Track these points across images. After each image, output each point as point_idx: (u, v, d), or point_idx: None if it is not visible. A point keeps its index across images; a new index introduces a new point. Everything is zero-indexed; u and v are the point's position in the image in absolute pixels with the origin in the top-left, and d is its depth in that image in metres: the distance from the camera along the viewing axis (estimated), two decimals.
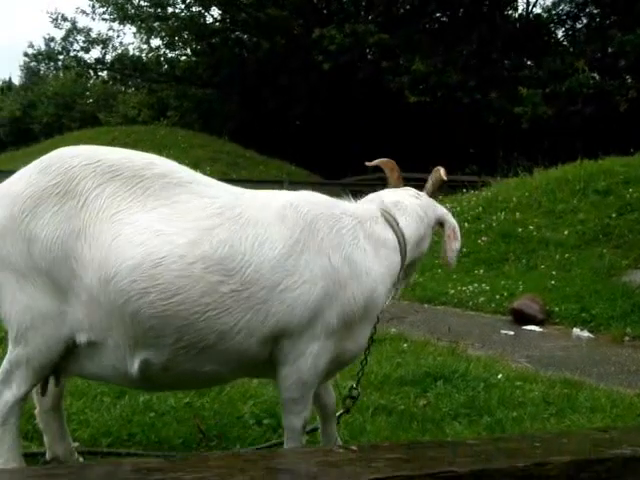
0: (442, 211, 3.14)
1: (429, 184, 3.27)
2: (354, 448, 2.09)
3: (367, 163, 3.64)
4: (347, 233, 2.72)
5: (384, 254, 2.83)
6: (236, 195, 2.64)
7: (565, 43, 27.87)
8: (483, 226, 11.03)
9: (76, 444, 2.91)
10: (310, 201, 2.75)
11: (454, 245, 3.05)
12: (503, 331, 7.10)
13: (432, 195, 3.22)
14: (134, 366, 2.45)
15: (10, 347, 2.48)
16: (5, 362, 2.50)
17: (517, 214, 11.06)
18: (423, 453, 2.10)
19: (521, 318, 7.43)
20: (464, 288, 8.67)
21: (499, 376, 4.81)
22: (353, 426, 3.58)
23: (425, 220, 3.06)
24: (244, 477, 1.69)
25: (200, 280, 2.38)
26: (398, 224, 2.93)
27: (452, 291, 8.57)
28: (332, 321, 2.61)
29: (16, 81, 56.74)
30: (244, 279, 2.44)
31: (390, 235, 2.89)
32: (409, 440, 3.37)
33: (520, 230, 10.50)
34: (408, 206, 3.04)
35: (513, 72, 24.33)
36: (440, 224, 3.13)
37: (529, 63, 25.70)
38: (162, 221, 2.41)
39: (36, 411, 2.78)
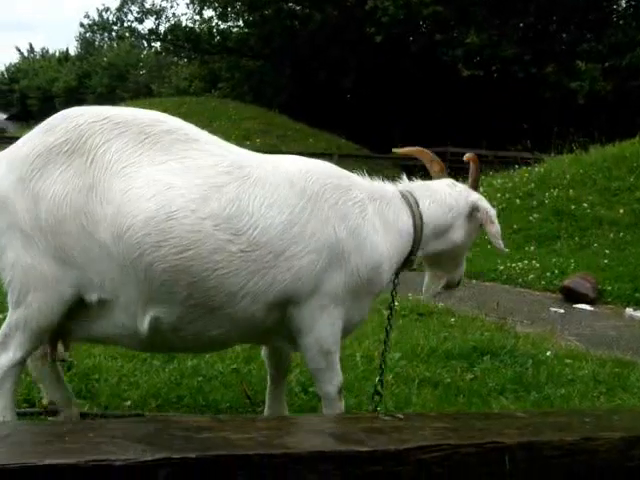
0: (475, 197, 3.03)
1: (471, 179, 3.17)
2: (400, 416, 2.09)
3: (395, 150, 3.44)
4: (354, 205, 2.68)
5: (394, 232, 2.80)
6: (245, 155, 2.64)
7: (628, 15, 26.93)
8: (535, 203, 10.84)
9: (128, 403, 2.98)
10: (321, 170, 2.72)
11: (492, 230, 2.97)
12: (553, 309, 6.99)
13: (474, 187, 3.13)
14: (144, 324, 2.43)
15: (10, 310, 2.46)
16: (4, 326, 2.47)
17: (570, 191, 10.83)
18: (470, 424, 2.09)
19: (572, 296, 7.30)
20: (514, 265, 8.56)
21: (548, 353, 4.74)
22: (399, 397, 3.58)
23: (455, 209, 2.97)
24: (291, 439, 1.71)
25: (211, 237, 2.38)
26: (418, 206, 2.89)
27: (501, 267, 8.47)
28: (338, 291, 2.62)
29: (72, 52, 57.64)
30: (251, 240, 2.43)
31: (405, 215, 2.85)
32: (456, 411, 3.36)
33: (573, 207, 10.30)
34: (437, 191, 2.99)
35: (571, 46, 23.66)
36: (476, 211, 3.00)
37: (588, 36, 24.93)
38: (172, 175, 2.40)
39: (29, 362, 2.65)
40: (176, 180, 2.38)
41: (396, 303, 5.94)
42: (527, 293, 7.74)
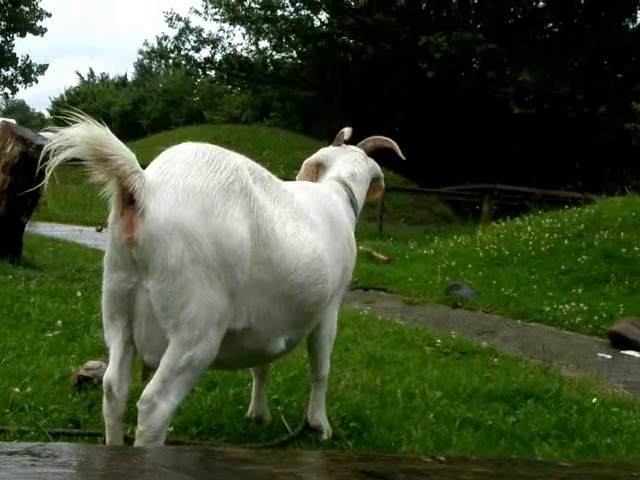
0: (379, 169, 3.76)
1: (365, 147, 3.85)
2: (442, 458, 2.06)
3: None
4: (345, 213, 3.26)
5: (350, 224, 3.32)
6: (287, 190, 2.91)
7: None
8: (584, 244, 10.65)
9: (170, 429, 3.01)
10: (321, 192, 3.22)
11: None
12: (600, 354, 6.83)
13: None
14: (279, 346, 2.75)
15: (178, 350, 2.30)
16: (164, 369, 2.30)
17: (622, 234, 10.62)
18: (512, 470, 2.06)
19: (620, 342, 7.13)
20: (560, 306, 8.40)
21: (594, 400, 4.62)
22: (439, 437, 3.53)
23: (369, 181, 3.66)
24: (330, 477, 1.71)
25: (331, 268, 2.91)
26: (354, 196, 3.43)
27: (547, 308, 8.33)
28: (343, 285, 3.21)
29: (130, 78, 59.20)
30: (332, 262, 2.97)
31: (351, 208, 3.39)
32: (498, 455, 3.30)
33: (624, 251, 10.09)
34: (359, 175, 3.55)
35: (626, 85, 23.40)
36: (375, 180, 3.73)
37: None
38: (297, 219, 2.76)
39: (108, 422, 2.48)
40: (301, 223, 2.78)
41: (438, 340, 5.95)
42: (573, 336, 7.57)
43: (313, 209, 2.96)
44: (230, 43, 34.81)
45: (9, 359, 3.73)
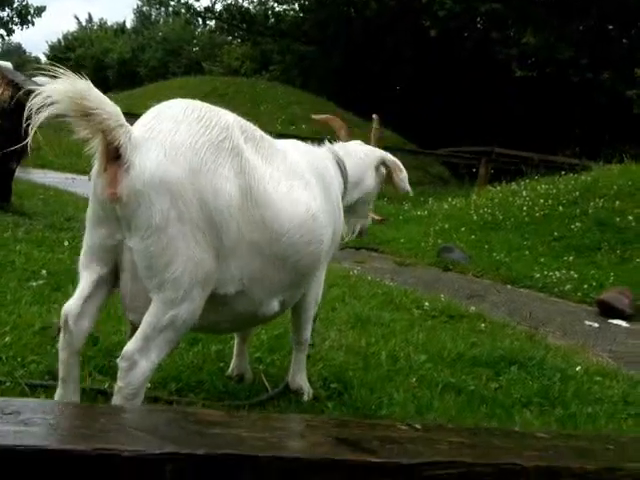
0: (381, 152, 3.67)
1: (373, 139, 4.00)
2: (418, 426, 2.04)
3: (313, 116, 4.10)
4: (334, 176, 3.23)
5: (339, 189, 3.30)
6: (280, 149, 2.85)
7: None
8: (578, 211, 10.63)
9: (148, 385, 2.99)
10: (313, 153, 3.17)
11: (401, 175, 3.62)
12: (587, 322, 6.86)
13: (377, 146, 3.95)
14: (272, 307, 2.74)
15: (161, 308, 2.26)
16: (145, 327, 2.26)
17: (616, 202, 10.60)
18: (488, 441, 2.04)
19: (608, 311, 7.15)
20: (551, 273, 8.42)
21: (577, 368, 4.64)
22: (420, 401, 3.53)
23: (366, 161, 3.53)
24: (302, 443, 1.68)
25: (325, 227, 2.90)
26: (344, 163, 3.36)
27: (538, 275, 8.33)
28: (330, 249, 3.15)
29: (129, 24, 58.17)
30: (327, 222, 2.98)
31: (337, 173, 3.33)
32: (475, 424, 3.31)
33: (618, 219, 10.07)
34: (351, 150, 3.54)
35: (631, 52, 23.08)
36: (382, 164, 3.60)
37: None
38: (291, 178, 2.71)
39: (62, 356, 2.41)
40: (295, 182, 2.72)
41: (426, 303, 5.94)
42: (562, 304, 7.60)
43: (306, 168, 2.91)
44: None
45: None
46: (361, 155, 3.55)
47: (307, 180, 2.83)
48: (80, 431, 1.47)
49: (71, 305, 2.34)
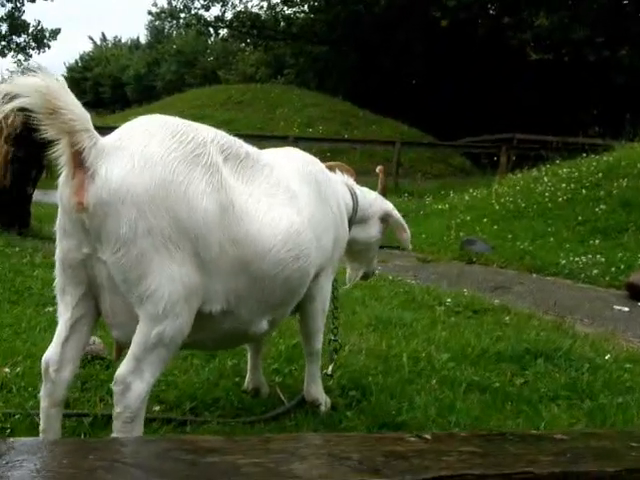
0: (389, 205, 3.60)
1: (380, 186, 3.98)
2: (427, 437, 1.97)
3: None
4: (335, 182, 3.24)
5: (342, 198, 3.27)
6: (267, 163, 2.76)
7: None
8: (602, 193, 10.42)
9: (157, 408, 2.96)
10: (307, 160, 3.09)
11: (405, 236, 3.63)
12: (617, 307, 6.69)
13: (384, 194, 3.93)
14: (261, 327, 2.66)
15: (145, 327, 2.18)
16: (134, 347, 2.19)
17: None
18: (502, 448, 1.96)
19: (638, 294, 6.98)
20: (577, 259, 8.24)
21: (607, 357, 4.51)
22: (443, 403, 3.45)
23: (373, 206, 3.52)
24: (302, 465, 1.63)
25: (313, 241, 2.77)
26: (356, 195, 3.40)
27: (563, 261, 8.17)
28: (335, 257, 3.14)
29: (143, 40, 58.68)
30: (318, 235, 2.88)
31: (347, 192, 3.36)
32: (499, 424, 3.22)
33: None
34: (361, 189, 3.54)
35: None
36: (388, 217, 3.56)
37: None
38: (272, 194, 2.62)
39: (43, 405, 2.32)
40: (277, 199, 2.64)
41: (449, 299, 5.85)
42: (590, 289, 7.42)
43: (295, 177, 2.84)
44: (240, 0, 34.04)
45: (6, 337, 3.69)
46: (371, 198, 3.55)
47: (293, 192, 2.75)
48: (68, 472, 1.43)
49: (50, 353, 2.28)
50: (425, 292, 6.15)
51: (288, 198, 2.70)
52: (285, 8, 33.71)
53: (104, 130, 2.45)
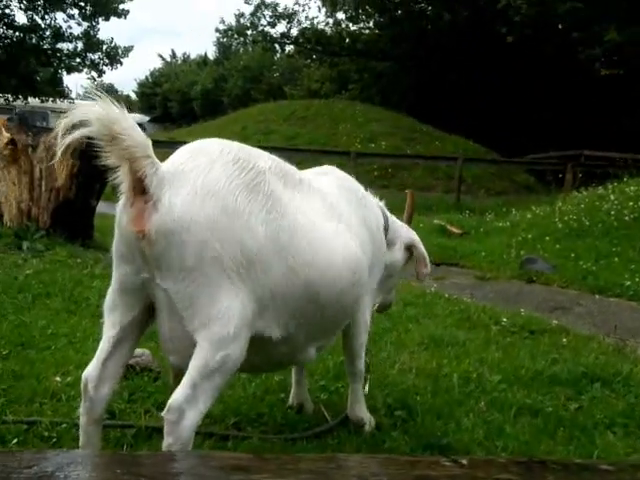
0: (415, 236, 3.58)
1: (406, 213, 3.81)
2: (464, 462, 1.92)
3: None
4: (374, 206, 3.23)
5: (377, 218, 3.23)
6: (319, 189, 2.74)
7: None
8: None
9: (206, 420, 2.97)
10: (352, 186, 3.09)
11: (424, 271, 3.56)
12: None
13: (409, 221, 3.77)
14: (310, 353, 2.68)
15: (209, 349, 2.12)
16: (194, 371, 2.11)
17: None
18: (542, 476, 1.89)
19: None
20: None
21: None
22: (491, 426, 3.37)
23: (399, 232, 3.50)
24: None
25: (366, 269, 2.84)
26: (387, 217, 3.37)
27: (628, 282, 7.89)
28: (374, 277, 3.08)
29: (211, 56, 59.94)
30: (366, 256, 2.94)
31: (381, 217, 3.30)
32: (544, 453, 3.12)
33: None
34: (394, 217, 3.53)
35: None
36: (412, 247, 3.54)
37: None
38: (333, 219, 2.64)
39: (81, 421, 2.33)
40: (340, 225, 2.67)
41: (505, 319, 5.72)
42: None
43: (343, 202, 2.84)
44: (306, 16, 34.53)
45: (60, 346, 3.79)
46: (398, 224, 3.55)
47: (347, 218, 2.76)
48: None
49: (90, 371, 2.27)
50: (481, 311, 6.04)
51: (345, 224, 2.71)
52: (350, 24, 33.95)
53: (169, 145, 2.47)
